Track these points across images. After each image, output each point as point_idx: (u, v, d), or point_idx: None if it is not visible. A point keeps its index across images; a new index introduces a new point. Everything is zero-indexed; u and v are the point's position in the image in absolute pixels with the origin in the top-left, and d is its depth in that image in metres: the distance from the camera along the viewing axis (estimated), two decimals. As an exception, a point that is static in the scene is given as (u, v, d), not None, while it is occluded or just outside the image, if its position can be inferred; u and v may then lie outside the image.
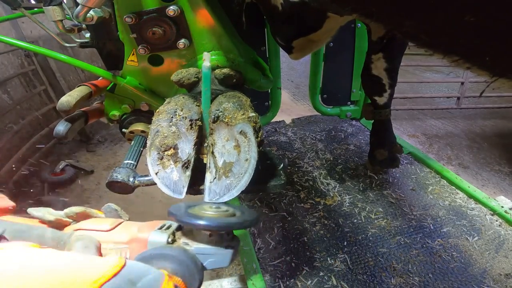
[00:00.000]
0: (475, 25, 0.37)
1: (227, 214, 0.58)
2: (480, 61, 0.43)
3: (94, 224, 0.61)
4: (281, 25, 1.16)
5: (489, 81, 0.43)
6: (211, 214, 0.57)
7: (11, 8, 1.06)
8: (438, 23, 0.43)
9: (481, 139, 3.60)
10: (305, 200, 1.64)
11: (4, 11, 2.83)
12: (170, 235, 0.57)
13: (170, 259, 0.50)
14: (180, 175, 0.72)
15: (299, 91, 5.35)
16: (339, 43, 2.11)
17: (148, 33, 0.91)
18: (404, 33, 0.51)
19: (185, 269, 0.50)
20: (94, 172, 3.19)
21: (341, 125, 2.37)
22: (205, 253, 0.55)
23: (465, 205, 1.55)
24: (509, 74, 0.41)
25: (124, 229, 0.60)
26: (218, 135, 0.75)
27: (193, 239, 0.57)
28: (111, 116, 1.15)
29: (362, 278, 1.22)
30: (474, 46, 0.42)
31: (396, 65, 1.52)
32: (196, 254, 0.55)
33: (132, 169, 0.94)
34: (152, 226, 0.60)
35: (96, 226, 0.60)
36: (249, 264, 1.27)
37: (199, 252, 0.55)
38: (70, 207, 0.63)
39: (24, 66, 3.18)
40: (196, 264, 0.52)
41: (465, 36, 0.41)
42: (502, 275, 1.21)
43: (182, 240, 0.57)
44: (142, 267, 0.43)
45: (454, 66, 0.46)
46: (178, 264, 0.50)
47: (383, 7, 0.49)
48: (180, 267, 0.50)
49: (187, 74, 0.90)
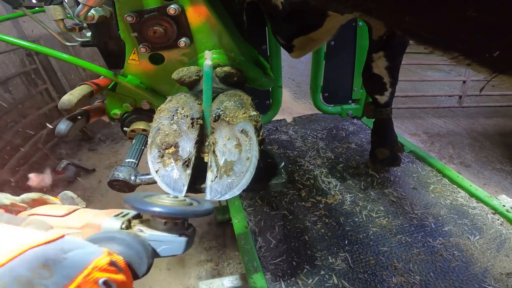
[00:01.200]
0: (475, 21, 0.37)
1: (183, 204, 0.60)
2: (480, 57, 0.43)
3: (49, 209, 0.62)
4: (282, 24, 1.16)
5: (488, 78, 0.43)
6: (167, 202, 0.59)
7: (12, 7, 1.06)
8: (438, 19, 0.43)
9: (483, 137, 3.59)
10: (306, 198, 1.64)
11: (5, 10, 2.84)
12: (125, 221, 0.58)
13: (119, 241, 0.51)
14: (180, 173, 0.72)
15: (300, 90, 5.35)
16: (340, 42, 2.10)
17: (149, 32, 0.91)
18: (404, 30, 0.51)
19: (133, 252, 0.51)
20: (96, 170, 3.20)
21: (342, 124, 2.37)
22: (158, 240, 0.56)
23: (466, 204, 1.55)
24: (510, 70, 0.40)
25: (79, 215, 0.61)
26: (219, 134, 0.75)
27: (149, 226, 0.58)
28: (113, 115, 1.15)
29: (363, 277, 1.22)
30: (474, 42, 0.42)
31: (397, 64, 1.52)
32: (149, 240, 0.56)
33: (134, 167, 0.95)
34: (109, 213, 0.61)
35: (50, 212, 0.60)
36: (250, 262, 1.27)
37: (152, 238, 0.56)
38: (27, 193, 0.64)
39: (25, 65, 3.18)
40: (146, 249, 0.53)
41: (465, 31, 0.41)
42: (503, 274, 1.21)
43: (137, 227, 0.58)
44: (81, 242, 0.43)
45: (454, 62, 0.46)
46: (127, 247, 0.51)
47: (382, 4, 0.49)
48: (128, 250, 0.51)
49: (188, 72, 0.90)
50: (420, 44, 0.50)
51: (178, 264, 2.14)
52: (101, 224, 0.57)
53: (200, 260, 2.16)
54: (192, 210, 0.58)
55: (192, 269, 2.10)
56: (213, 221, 2.45)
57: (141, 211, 0.58)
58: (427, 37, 0.47)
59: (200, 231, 2.40)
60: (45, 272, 0.36)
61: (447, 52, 0.46)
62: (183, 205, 0.59)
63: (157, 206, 0.55)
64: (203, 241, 2.30)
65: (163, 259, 2.27)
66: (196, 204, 0.63)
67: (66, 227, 0.58)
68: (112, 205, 2.60)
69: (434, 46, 0.47)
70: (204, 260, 2.16)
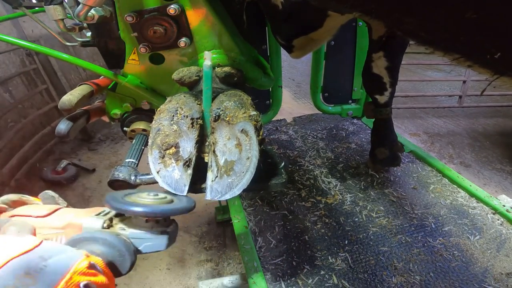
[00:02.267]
0: (476, 22, 0.37)
1: (163, 201, 0.60)
2: (481, 59, 0.42)
3: (30, 210, 0.62)
4: (282, 24, 1.16)
5: (490, 79, 0.43)
6: (147, 201, 0.59)
7: (12, 7, 1.06)
8: (438, 20, 0.42)
9: (483, 137, 3.59)
10: (306, 198, 1.64)
11: (5, 10, 2.84)
12: (106, 220, 0.59)
13: (100, 242, 0.52)
14: (181, 173, 0.72)
15: (300, 90, 5.35)
16: (340, 42, 2.10)
17: (149, 32, 0.91)
18: (404, 30, 0.51)
19: (114, 251, 0.52)
20: (96, 170, 3.20)
21: (343, 124, 2.37)
22: (140, 238, 0.57)
23: (466, 204, 1.55)
24: (511, 72, 0.40)
25: (60, 215, 0.61)
26: (220, 134, 0.75)
27: (130, 224, 0.59)
28: (113, 115, 1.15)
29: (363, 277, 1.22)
30: (475, 44, 0.41)
31: (397, 64, 1.52)
32: (131, 238, 0.57)
33: (134, 167, 0.95)
34: (90, 212, 0.62)
35: (32, 212, 0.61)
36: (250, 262, 1.27)
37: (134, 236, 0.57)
38: (7, 195, 0.65)
39: (25, 65, 3.18)
40: (127, 247, 0.54)
41: (466, 33, 0.41)
42: (503, 274, 1.21)
43: (118, 226, 0.59)
44: (59, 247, 0.45)
45: (455, 64, 0.46)
46: (108, 247, 0.52)
47: (382, 4, 0.49)
48: (109, 250, 0.52)
49: (188, 72, 0.90)
50: (421, 45, 0.50)
51: (178, 264, 2.14)
52: (82, 224, 0.58)
53: (200, 260, 2.16)
54: (171, 209, 0.59)
55: (192, 269, 2.10)
56: (213, 221, 2.46)
57: (120, 211, 0.58)
58: (427, 38, 0.47)
59: (200, 231, 2.40)
60: (29, 280, 0.37)
61: (447, 54, 0.46)
62: (163, 203, 0.60)
63: (136, 206, 0.55)
64: (203, 241, 2.30)
65: (162, 259, 2.27)
66: (176, 201, 0.63)
67: (49, 228, 0.58)
68: (112, 205, 2.61)
69: (435, 47, 0.47)
70: (204, 260, 2.16)
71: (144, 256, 2.18)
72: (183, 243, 2.30)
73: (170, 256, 2.19)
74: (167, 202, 0.61)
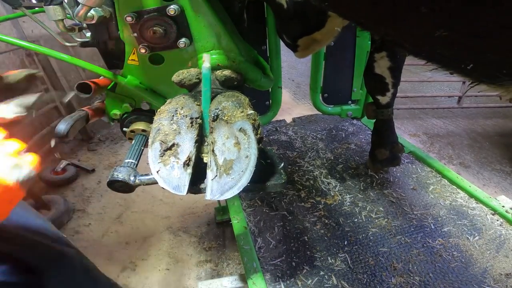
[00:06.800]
0: (447, 39, 0.40)
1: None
2: (457, 70, 0.47)
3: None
4: (288, 23, 1.17)
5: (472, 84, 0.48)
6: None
7: (12, 7, 1.06)
8: (415, 36, 0.47)
9: (482, 138, 3.59)
10: (305, 199, 1.64)
11: (5, 11, 2.84)
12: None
13: None
14: (181, 172, 0.72)
15: (300, 90, 5.35)
16: (340, 42, 2.10)
17: (149, 32, 0.91)
18: (391, 41, 0.56)
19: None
20: (95, 171, 3.20)
21: (342, 124, 2.37)
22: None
23: (466, 205, 1.55)
24: (484, 80, 0.44)
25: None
26: (218, 133, 0.75)
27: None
28: (112, 115, 1.15)
29: (363, 278, 1.22)
30: (450, 56, 0.45)
31: (400, 64, 1.50)
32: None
33: (133, 168, 0.94)
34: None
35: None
36: (249, 263, 1.27)
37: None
38: None
39: (25, 65, 3.18)
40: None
41: (440, 47, 0.44)
42: (502, 274, 1.21)
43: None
44: None
45: (439, 71, 0.50)
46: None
47: (369, 18, 0.53)
48: None
49: (188, 75, 0.91)
50: (407, 53, 0.56)
51: (177, 264, 2.14)
52: None
53: (199, 261, 2.16)
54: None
55: (192, 269, 2.10)
56: (213, 222, 2.45)
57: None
58: (410, 49, 0.51)
59: (200, 232, 2.40)
60: None
61: (429, 62, 0.50)
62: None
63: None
64: (202, 242, 2.30)
65: (162, 259, 2.26)
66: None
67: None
68: (112, 205, 2.61)
69: (419, 57, 0.51)
70: (204, 261, 2.16)
71: (143, 256, 2.18)
72: (182, 243, 2.30)
73: (169, 256, 2.19)
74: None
